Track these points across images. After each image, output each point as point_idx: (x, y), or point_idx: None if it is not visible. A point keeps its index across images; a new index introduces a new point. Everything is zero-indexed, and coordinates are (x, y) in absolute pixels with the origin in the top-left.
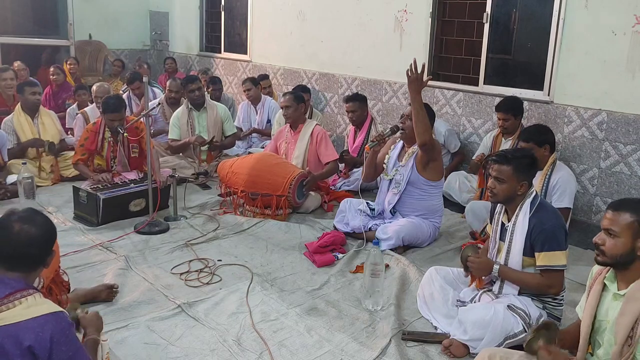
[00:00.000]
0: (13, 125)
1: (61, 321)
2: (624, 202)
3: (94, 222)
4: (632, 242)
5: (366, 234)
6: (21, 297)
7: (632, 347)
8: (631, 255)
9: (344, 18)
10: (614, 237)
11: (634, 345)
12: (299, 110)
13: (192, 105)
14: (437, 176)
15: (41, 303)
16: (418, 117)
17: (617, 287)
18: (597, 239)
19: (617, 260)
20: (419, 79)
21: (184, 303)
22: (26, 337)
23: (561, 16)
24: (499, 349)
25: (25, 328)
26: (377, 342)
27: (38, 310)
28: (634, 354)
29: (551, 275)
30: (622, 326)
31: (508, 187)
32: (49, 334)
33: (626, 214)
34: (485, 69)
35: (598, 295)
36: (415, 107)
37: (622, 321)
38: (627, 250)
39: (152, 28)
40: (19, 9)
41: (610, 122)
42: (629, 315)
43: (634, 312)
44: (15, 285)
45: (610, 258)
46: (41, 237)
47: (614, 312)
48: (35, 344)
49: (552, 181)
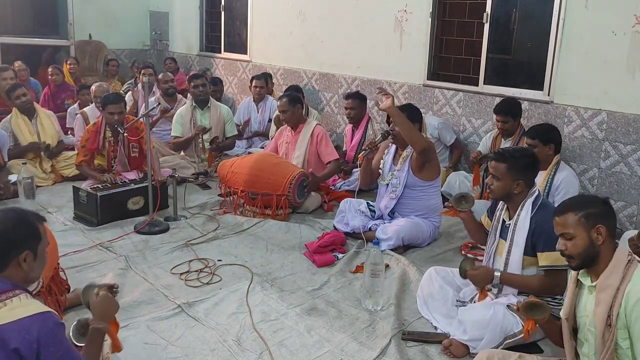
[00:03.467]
0: (11, 126)
1: (48, 322)
2: (563, 205)
3: (93, 222)
4: (587, 235)
5: (366, 234)
6: (6, 299)
7: (612, 334)
8: (593, 248)
9: (344, 18)
10: (571, 239)
11: (613, 329)
12: (297, 112)
13: (196, 103)
14: (434, 175)
15: (27, 304)
16: (405, 129)
17: (590, 280)
18: (559, 247)
19: (584, 257)
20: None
21: (184, 303)
22: (12, 340)
23: (561, 16)
24: (497, 351)
25: (11, 330)
26: (377, 342)
27: (24, 312)
28: (615, 340)
29: (555, 275)
30: (600, 315)
31: (503, 184)
32: (35, 335)
33: (570, 214)
34: (485, 69)
35: (574, 292)
36: (399, 122)
37: (598, 311)
38: (588, 245)
39: (152, 28)
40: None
41: (610, 122)
42: (604, 303)
43: (607, 300)
44: (1, 286)
45: (578, 259)
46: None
47: (591, 305)
48: (21, 346)
49: (555, 182)
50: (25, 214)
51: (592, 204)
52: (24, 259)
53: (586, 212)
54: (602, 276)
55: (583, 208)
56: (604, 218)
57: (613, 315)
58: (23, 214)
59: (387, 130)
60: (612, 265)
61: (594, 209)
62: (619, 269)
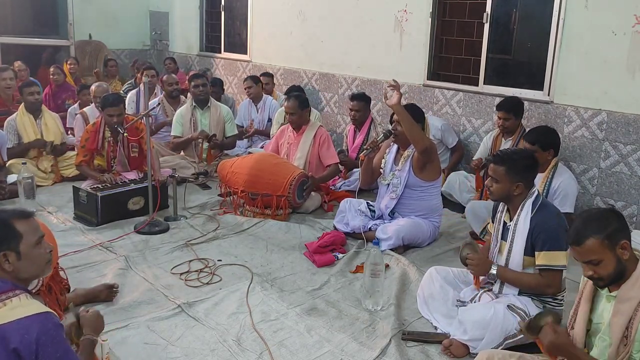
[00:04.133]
0: (16, 125)
1: (47, 322)
2: (578, 231)
3: (93, 222)
4: (614, 254)
5: (366, 234)
6: (6, 299)
7: (628, 347)
8: (621, 264)
9: (344, 18)
10: (598, 264)
11: (630, 344)
12: (304, 115)
13: (196, 103)
14: (435, 176)
15: (27, 304)
16: (408, 127)
17: (608, 289)
18: (587, 274)
19: (614, 276)
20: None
21: (184, 303)
22: (11, 339)
23: (561, 16)
24: (497, 351)
25: (11, 330)
26: (377, 342)
27: (24, 312)
28: (630, 353)
29: (550, 275)
30: (617, 326)
31: (502, 186)
32: (34, 335)
33: (590, 239)
34: (485, 69)
35: (590, 298)
36: (402, 119)
37: (616, 321)
38: (616, 264)
39: (152, 28)
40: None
41: (610, 122)
42: (623, 315)
43: (627, 312)
44: (1, 286)
45: (608, 279)
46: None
47: (608, 313)
48: (20, 346)
49: (553, 185)
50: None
51: (608, 221)
52: (5, 261)
53: (607, 232)
54: (624, 286)
55: (602, 229)
56: (623, 231)
57: (632, 328)
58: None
59: (389, 129)
60: (635, 277)
61: (612, 226)
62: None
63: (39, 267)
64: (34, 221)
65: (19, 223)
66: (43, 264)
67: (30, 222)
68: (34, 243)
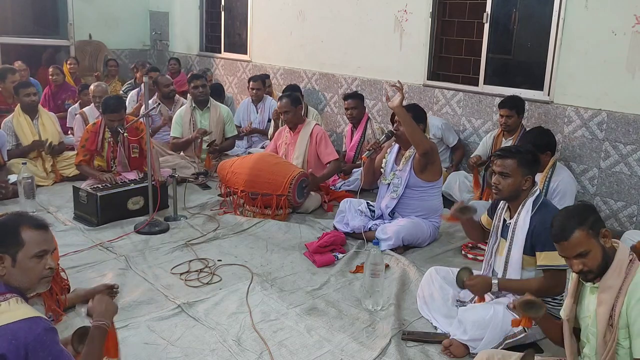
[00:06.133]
0: (13, 126)
1: (36, 327)
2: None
3: (93, 222)
4: (598, 243)
5: (366, 234)
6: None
7: (614, 334)
8: (606, 253)
9: (344, 18)
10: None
11: (615, 331)
12: (298, 113)
13: (196, 103)
14: (436, 176)
15: (15, 309)
16: (409, 129)
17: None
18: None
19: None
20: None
21: (184, 303)
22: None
23: (561, 16)
24: (497, 351)
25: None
26: (377, 342)
27: (11, 317)
28: (617, 340)
29: (554, 275)
30: (602, 315)
31: (513, 181)
32: (22, 341)
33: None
34: (485, 69)
35: (574, 292)
36: (404, 122)
37: (600, 310)
38: (602, 253)
39: (152, 28)
40: (19, 9)
41: (610, 122)
42: (606, 303)
43: (609, 300)
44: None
45: (597, 270)
46: None
47: (593, 305)
48: (8, 353)
49: (552, 184)
50: (10, 219)
51: (587, 213)
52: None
53: (589, 223)
54: (604, 277)
55: (584, 221)
56: (601, 221)
57: (615, 315)
58: (7, 219)
59: (391, 130)
60: (615, 266)
61: (592, 217)
62: (621, 269)
63: (31, 281)
64: (46, 234)
65: (28, 231)
66: (36, 279)
67: (41, 233)
68: (33, 255)
